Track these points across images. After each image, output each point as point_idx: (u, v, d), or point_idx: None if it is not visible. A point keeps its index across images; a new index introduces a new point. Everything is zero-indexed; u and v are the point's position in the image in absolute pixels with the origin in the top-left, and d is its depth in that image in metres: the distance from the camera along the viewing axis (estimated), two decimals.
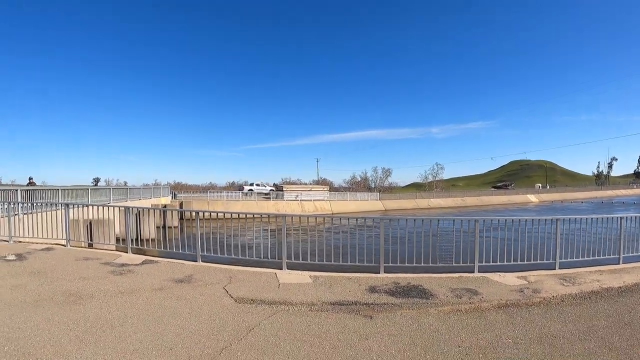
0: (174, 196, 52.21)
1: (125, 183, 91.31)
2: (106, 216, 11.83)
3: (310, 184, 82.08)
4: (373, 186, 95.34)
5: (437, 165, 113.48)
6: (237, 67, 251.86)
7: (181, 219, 15.00)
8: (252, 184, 67.36)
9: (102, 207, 11.34)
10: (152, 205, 32.01)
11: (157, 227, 10.64)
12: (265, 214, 9.77)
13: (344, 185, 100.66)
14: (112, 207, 11.61)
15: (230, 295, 6.14)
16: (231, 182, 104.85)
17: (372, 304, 5.87)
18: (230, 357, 3.93)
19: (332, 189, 77.74)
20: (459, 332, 4.81)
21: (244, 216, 10.16)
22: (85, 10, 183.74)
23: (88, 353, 3.93)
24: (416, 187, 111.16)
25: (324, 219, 9.66)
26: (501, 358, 4.09)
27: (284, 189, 59.04)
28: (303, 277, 7.58)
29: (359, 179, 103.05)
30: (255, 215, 9.90)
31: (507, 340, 4.58)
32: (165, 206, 36.20)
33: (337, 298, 6.13)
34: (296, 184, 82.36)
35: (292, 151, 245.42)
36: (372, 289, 6.68)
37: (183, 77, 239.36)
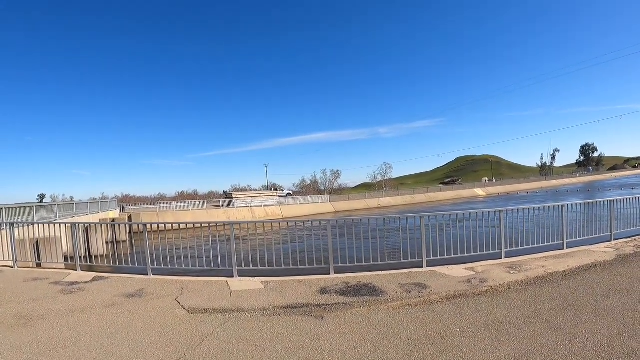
0: (123, 209, 51.47)
1: (72, 198, 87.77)
2: (53, 234, 11.51)
3: (260, 189, 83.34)
4: (323, 189, 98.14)
5: (385, 164, 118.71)
6: (182, 70, 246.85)
7: (130, 232, 14.71)
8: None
9: (48, 225, 11.33)
10: (100, 220, 31.81)
11: (106, 243, 10.63)
12: (214, 222, 9.88)
13: (293, 189, 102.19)
14: (59, 224, 11.60)
15: (182, 306, 6.28)
16: (180, 192, 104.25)
17: (323, 304, 6.12)
18: None
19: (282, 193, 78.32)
20: (408, 326, 5.09)
21: (192, 226, 10.40)
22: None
23: None
24: (366, 188, 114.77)
25: (271, 224, 9.72)
26: (450, 347, 4.36)
27: (234, 197, 60.19)
28: (254, 283, 7.79)
29: (309, 182, 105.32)
30: (203, 225, 10.17)
31: (455, 329, 4.88)
32: (113, 220, 35.90)
33: (288, 302, 6.35)
34: (246, 190, 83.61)
35: (241, 158, 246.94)
36: (323, 290, 6.96)
37: (131, 87, 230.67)
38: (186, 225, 9.98)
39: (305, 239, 9.55)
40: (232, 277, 8.48)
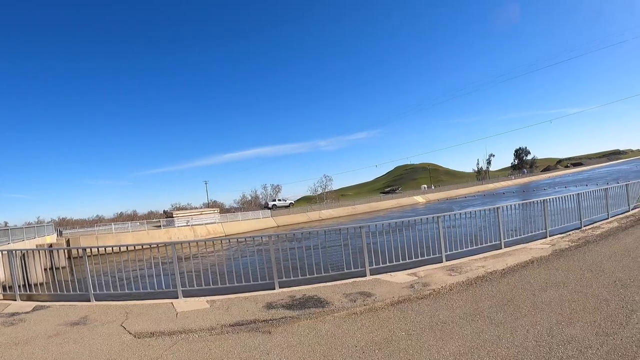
0: (60, 233, 49.15)
1: (6, 223, 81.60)
2: None
3: (201, 207, 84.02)
4: (264, 203, 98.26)
5: (325, 177, 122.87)
6: (116, 86, 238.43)
7: (70, 257, 14.03)
8: (274, 200, 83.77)
9: None
10: (37, 245, 29.96)
11: (45, 269, 9.95)
12: (155, 243, 9.62)
13: (235, 205, 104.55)
14: None
15: (128, 331, 6.22)
16: (119, 213, 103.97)
17: (270, 320, 6.21)
18: None
19: (223, 210, 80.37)
20: (355, 334, 5.24)
21: (134, 248, 10.45)
22: None
23: None
24: (307, 200, 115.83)
25: (213, 242, 9.72)
26: (396, 350, 4.50)
27: (174, 216, 59.42)
28: (200, 303, 7.82)
29: (250, 198, 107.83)
30: (144, 246, 9.95)
31: (401, 333, 5.06)
32: (51, 245, 33.73)
33: (235, 319, 6.40)
34: (187, 209, 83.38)
35: (180, 176, 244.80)
36: (269, 305, 7.07)
37: (63, 103, 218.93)
38: (127, 248, 9.97)
39: (248, 256, 9.62)
40: (177, 297, 8.43)
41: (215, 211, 66.17)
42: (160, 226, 53.87)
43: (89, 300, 8.67)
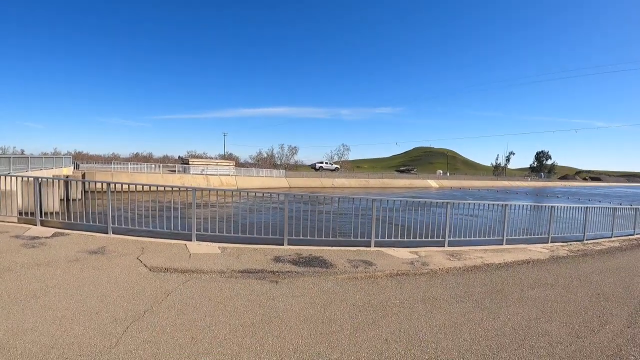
0: (77, 166, 50.18)
1: (22, 152, 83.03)
2: (8, 187, 11.11)
3: (217, 158, 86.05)
4: (279, 163, 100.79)
5: (343, 146, 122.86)
6: (146, 36, 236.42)
7: (84, 190, 14.47)
8: (322, 162, 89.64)
9: (4, 178, 10.76)
10: (53, 175, 30.49)
11: (60, 200, 10.32)
12: (177, 186, 10.13)
13: (250, 161, 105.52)
14: (16, 178, 11.13)
15: (144, 264, 6.72)
16: (135, 153, 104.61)
17: (277, 271, 6.79)
18: (153, 317, 4.53)
19: (238, 164, 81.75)
20: (354, 294, 5.83)
21: (156, 188, 10.50)
22: None
23: (17, 321, 4.20)
24: None
25: (232, 193, 10.20)
26: (389, 314, 5.10)
27: (190, 163, 61.37)
28: (212, 248, 8.34)
29: (265, 156, 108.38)
30: (166, 188, 10.42)
31: (395, 301, 5.66)
32: (67, 177, 34.04)
33: (244, 266, 6.97)
34: (202, 157, 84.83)
35: (199, 124, 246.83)
36: (277, 259, 7.64)
37: (90, 41, 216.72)
38: (150, 187, 10.19)
39: (263, 211, 10.12)
40: (191, 240, 8.91)
41: (231, 164, 67.34)
42: (175, 171, 54.93)
43: (107, 233, 9.13)
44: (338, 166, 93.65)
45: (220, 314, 4.74)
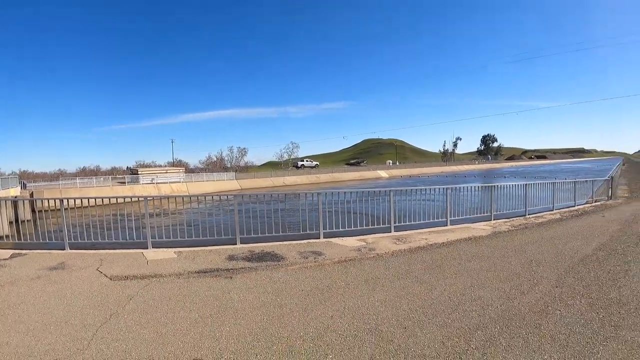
0: (24, 186, 47.97)
1: None
2: None
3: (166, 166, 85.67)
4: (229, 166, 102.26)
5: (292, 144, 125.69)
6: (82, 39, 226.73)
7: (34, 210, 14.12)
8: (302, 160, 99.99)
9: None
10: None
11: (10, 223, 10.17)
12: (128, 196, 10.25)
13: (200, 166, 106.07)
14: None
15: (105, 274, 7.01)
16: (82, 168, 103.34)
17: (232, 269, 7.24)
18: (119, 319, 4.91)
19: (188, 170, 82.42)
20: (303, 282, 6.36)
21: (109, 201, 10.52)
22: None
23: None
24: (272, 166, 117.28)
25: (183, 199, 10.40)
26: (335, 295, 5.64)
27: (139, 173, 60.66)
28: (168, 253, 8.68)
29: (215, 159, 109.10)
30: (118, 200, 10.52)
31: (341, 283, 6.21)
32: (15, 197, 32.75)
33: (200, 267, 7.39)
34: (151, 166, 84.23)
35: (146, 132, 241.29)
36: (231, 257, 8.10)
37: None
38: (102, 200, 10.11)
39: (214, 215, 10.49)
40: (147, 248, 9.18)
41: (180, 170, 67.01)
42: (124, 182, 54.32)
43: (64, 249, 9.19)
44: (318, 163, 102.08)
45: (181, 310, 5.13)
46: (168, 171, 63.63)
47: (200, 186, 56.62)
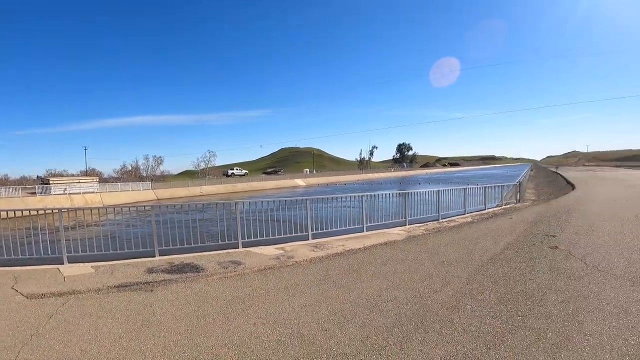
0: None
1: None
2: None
3: (79, 175, 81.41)
4: (145, 175, 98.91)
5: (209, 152, 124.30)
6: None
7: None
8: (232, 169, 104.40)
9: None
10: None
11: None
12: (42, 209, 9.77)
13: (114, 175, 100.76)
14: None
15: (20, 293, 6.60)
16: None
17: (151, 282, 7.08)
18: (41, 339, 4.67)
19: (102, 179, 78.80)
20: (224, 291, 6.38)
21: (21, 213, 10.26)
22: None
23: None
24: (189, 175, 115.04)
25: (99, 210, 10.04)
26: (256, 303, 5.72)
27: (51, 182, 56.77)
28: (85, 268, 8.31)
29: (130, 169, 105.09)
30: (31, 212, 10.14)
31: (261, 291, 6.30)
32: None
33: (120, 281, 7.16)
34: (63, 176, 79.75)
35: (57, 139, 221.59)
36: (150, 270, 7.93)
37: None
38: (14, 213, 9.76)
39: (132, 225, 10.17)
40: (63, 263, 8.79)
41: (94, 180, 64.18)
42: (35, 193, 50.54)
43: None
44: (247, 172, 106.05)
45: (103, 326, 4.97)
46: (81, 181, 60.54)
47: (115, 196, 54.55)
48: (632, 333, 4.35)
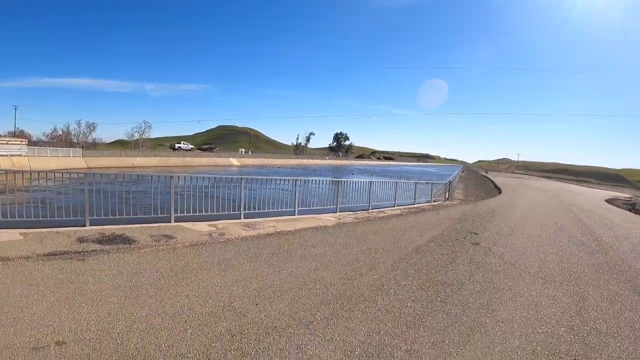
0: None
1: None
2: None
3: (7, 136, 74.84)
4: (76, 141, 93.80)
5: (145, 123, 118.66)
6: None
7: None
8: (180, 143, 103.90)
9: None
10: None
11: None
12: None
13: (43, 139, 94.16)
14: None
15: None
16: None
17: (83, 251, 6.89)
18: None
19: (31, 142, 72.36)
20: (156, 264, 6.37)
21: None
22: None
23: None
24: (121, 145, 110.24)
25: (30, 174, 9.55)
26: (189, 276, 5.81)
27: None
28: (13, 234, 7.89)
29: (61, 133, 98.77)
30: None
31: (194, 265, 6.38)
32: None
33: (49, 250, 6.89)
34: None
35: None
36: (81, 239, 7.68)
37: None
38: None
39: (63, 193, 9.85)
40: None
41: (23, 142, 59.99)
42: None
43: None
44: (193, 147, 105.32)
45: (35, 294, 4.84)
46: (9, 142, 56.82)
47: (44, 161, 51.27)
48: (541, 323, 4.87)
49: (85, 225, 9.00)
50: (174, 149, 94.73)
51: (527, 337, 4.45)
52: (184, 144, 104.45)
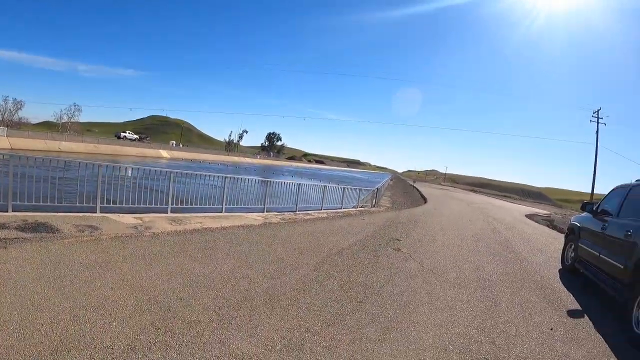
0: None
1: None
2: None
3: None
4: (1, 119, 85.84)
5: (75, 105, 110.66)
6: None
7: None
8: (125, 132, 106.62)
9: None
10: None
11: None
12: None
13: None
14: None
15: None
16: None
17: (4, 239, 6.58)
18: None
19: None
20: (80, 255, 6.25)
21: None
22: None
23: None
24: (48, 127, 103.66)
25: None
26: (113, 268, 5.78)
27: None
28: None
29: None
30: None
31: (119, 257, 6.34)
32: None
33: None
34: None
35: None
36: (2, 226, 7.31)
37: None
38: None
39: None
40: None
41: None
42: None
43: None
44: (138, 137, 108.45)
45: None
46: None
47: None
48: (454, 325, 5.32)
49: (7, 211, 8.59)
50: (119, 137, 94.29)
51: (440, 336, 4.86)
52: (129, 133, 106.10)
